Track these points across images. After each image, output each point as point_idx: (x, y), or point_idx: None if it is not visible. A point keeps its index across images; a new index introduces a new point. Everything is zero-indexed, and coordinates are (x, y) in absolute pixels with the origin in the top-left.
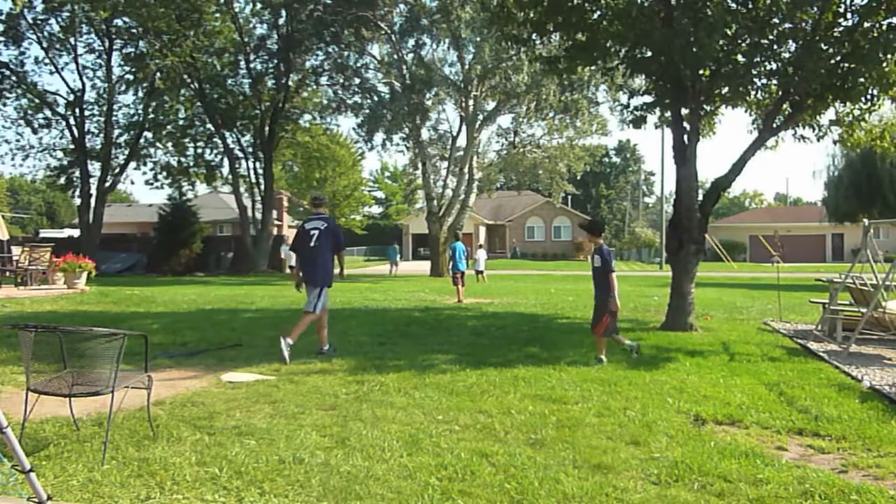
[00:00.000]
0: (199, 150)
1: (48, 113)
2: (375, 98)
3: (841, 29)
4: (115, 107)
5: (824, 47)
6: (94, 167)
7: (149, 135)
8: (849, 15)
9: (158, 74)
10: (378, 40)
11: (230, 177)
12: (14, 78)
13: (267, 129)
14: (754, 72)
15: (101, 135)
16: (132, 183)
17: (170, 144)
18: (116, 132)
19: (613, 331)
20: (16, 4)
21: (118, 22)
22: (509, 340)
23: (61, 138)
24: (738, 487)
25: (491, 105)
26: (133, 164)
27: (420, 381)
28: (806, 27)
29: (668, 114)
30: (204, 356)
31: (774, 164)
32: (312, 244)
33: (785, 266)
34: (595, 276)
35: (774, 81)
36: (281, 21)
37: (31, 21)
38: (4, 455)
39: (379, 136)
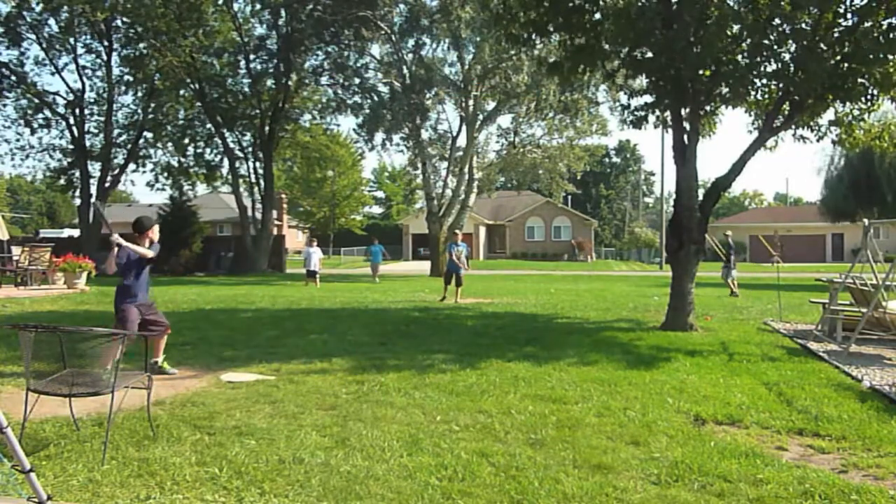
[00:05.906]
0: (199, 150)
1: (48, 113)
2: (375, 98)
3: (841, 29)
4: (115, 107)
5: (825, 48)
6: (94, 167)
7: (149, 135)
8: (849, 15)
9: (158, 75)
10: (378, 40)
11: (230, 177)
12: (14, 78)
13: (267, 128)
14: (754, 72)
15: (101, 135)
16: (132, 183)
17: (170, 144)
18: (116, 132)
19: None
20: (6, 1)
21: (118, 22)
22: (509, 340)
23: (61, 138)
24: (738, 487)
25: (491, 105)
26: (133, 166)
27: (420, 381)
28: (806, 28)
29: (667, 114)
30: (204, 356)
31: (774, 164)
32: None
33: (785, 266)
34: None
35: (774, 82)
36: (281, 21)
37: (30, 21)
38: (4, 455)
39: (379, 136)
